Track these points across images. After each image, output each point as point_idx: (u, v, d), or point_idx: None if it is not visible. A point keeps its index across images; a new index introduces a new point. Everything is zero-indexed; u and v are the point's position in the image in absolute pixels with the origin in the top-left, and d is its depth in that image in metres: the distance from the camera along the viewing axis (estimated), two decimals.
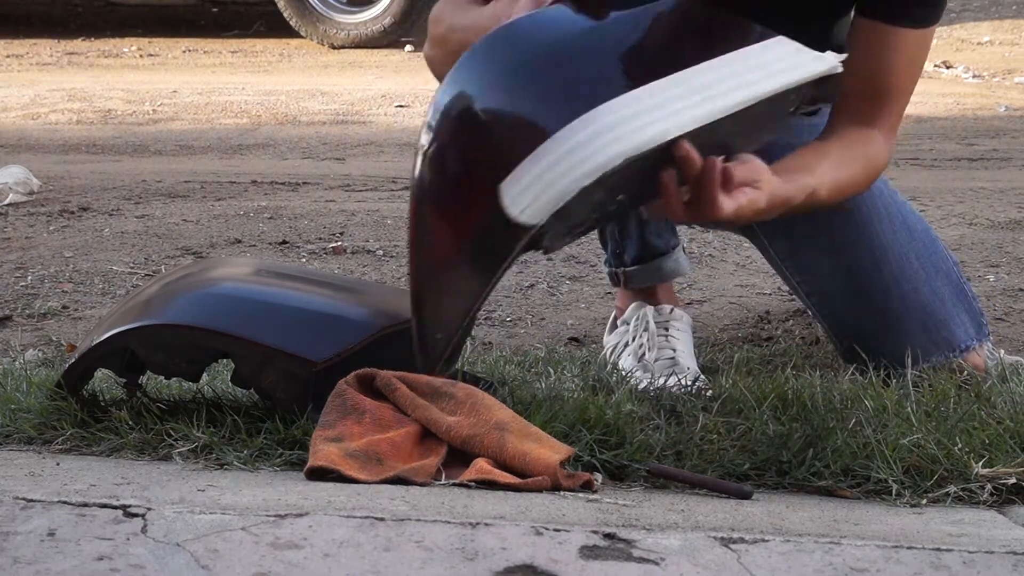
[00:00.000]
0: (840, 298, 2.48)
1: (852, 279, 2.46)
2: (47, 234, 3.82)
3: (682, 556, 1.64)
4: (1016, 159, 5.30)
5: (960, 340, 2.46)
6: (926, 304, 2.45)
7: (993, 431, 2.05)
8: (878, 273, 2.45)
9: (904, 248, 2.46)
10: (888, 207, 2.48)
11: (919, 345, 2.42)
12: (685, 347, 2.56)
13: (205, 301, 2.17)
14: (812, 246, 2.48)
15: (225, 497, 1.77)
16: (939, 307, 2.46)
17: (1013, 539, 1.75)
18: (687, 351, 2.55)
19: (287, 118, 6.33)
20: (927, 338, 2.44)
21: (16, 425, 2.15)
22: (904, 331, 2.44)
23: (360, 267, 3.45)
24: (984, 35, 8.60)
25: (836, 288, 2.48)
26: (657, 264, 2.64)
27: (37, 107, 6.48)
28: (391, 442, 1.93)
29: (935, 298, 2.46)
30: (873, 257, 2.45)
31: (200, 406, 2.14)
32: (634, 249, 2.63)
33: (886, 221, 2.47)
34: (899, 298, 2.45)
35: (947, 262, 2.50)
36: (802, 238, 2.48)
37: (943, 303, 2.47)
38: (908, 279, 2.45)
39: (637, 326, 2.59)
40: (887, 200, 2.48)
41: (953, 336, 2.46)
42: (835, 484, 2.00)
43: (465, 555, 1.62)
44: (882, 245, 2.45)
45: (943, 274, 2.48)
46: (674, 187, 2.00)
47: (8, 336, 2.91)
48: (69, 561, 1.59)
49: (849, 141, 2.30)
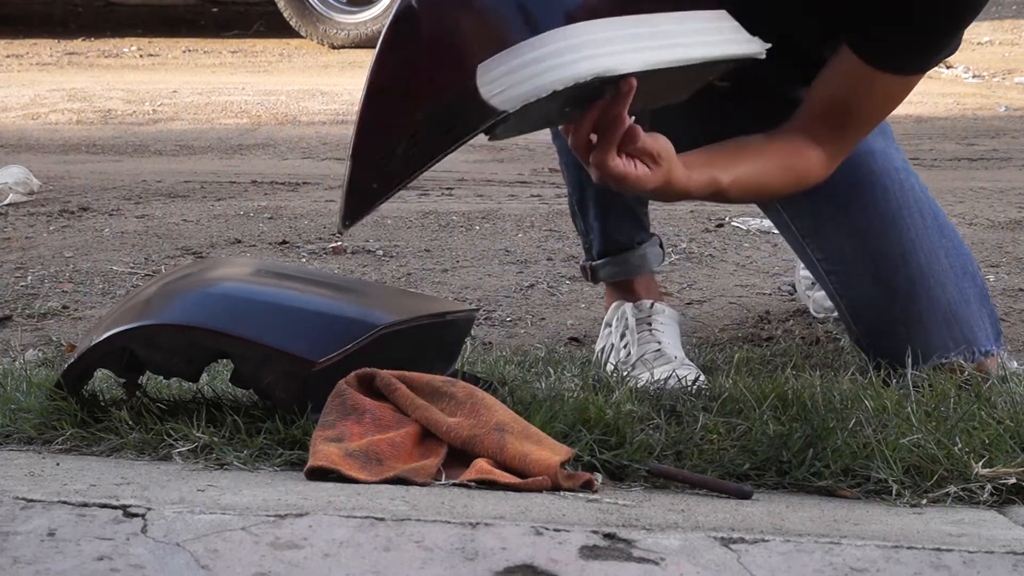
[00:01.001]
0: (862, 282, 2.47)
1: (877, 266, 2.45)
2: (47, 234, 3.82)
3: (682, 556, 1.64)
4: (1016, 159, 5.30)
5: (981, 342, 2.46)
6: (951, 302, 2.45)
7: (993, 431, 2.05)
8: (906, 266, 2.44)
9: (934, 244, 2.46)
10: (920, 202, 2.47)
11: (939, 341, 2.42)
12: (670, 339, 2.55)
13: (205, 301, 2.17)
14: (837, 229, 2.47)
15: (225, 497, 1.77)
16: (963, 307, 2.46)
17: (1013, 539, 1.75)
18: (672, 342, 2.55)
19: (287, 118, 6.33)
20: (948, 335, 2.44)
21: (16, 425, 2.15)
22: (926, 324, 2.43)
23: (360, 267, 3.45)
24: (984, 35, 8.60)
25: (859, 271, 2.47)
26: (622, 258, 2.64)
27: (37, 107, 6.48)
28: (391, 442, 1.93)
29: (961, 297, 2.46)
30: (902, 249, 2.44)
31: (200, 406, 2.14)
32: (599, 243, 2.65)
33: (917, 216, 2.46)
34: (925, 292, 2.44)
35: (973, 265, 2.50)
36: (827, 220, 2.47)
37: (968, 303, 2.46)
38: (936, 275, 2.45)
39: (618, 326, 2.59)
40: (919, 195, 2.48)
41: (975, 337, 2.45)
42: (835, 484, 2.00)
43: (465, 555, 1.62)
44: (911, 239, 2.45)
45: (970, 276, 2.48)
46: (590, 122, 2.06)
47: (8, 336, 2.91)
48: (69, 561, 1.59)
49: (788, 152, 2.30)
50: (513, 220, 3.93)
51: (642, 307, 2.59)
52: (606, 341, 2.61)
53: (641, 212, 2.66)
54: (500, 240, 3.70)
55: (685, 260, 3.50)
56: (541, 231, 3.80)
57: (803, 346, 2.75)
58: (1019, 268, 3.36)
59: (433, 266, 3.45)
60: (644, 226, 2.66)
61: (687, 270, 3.42)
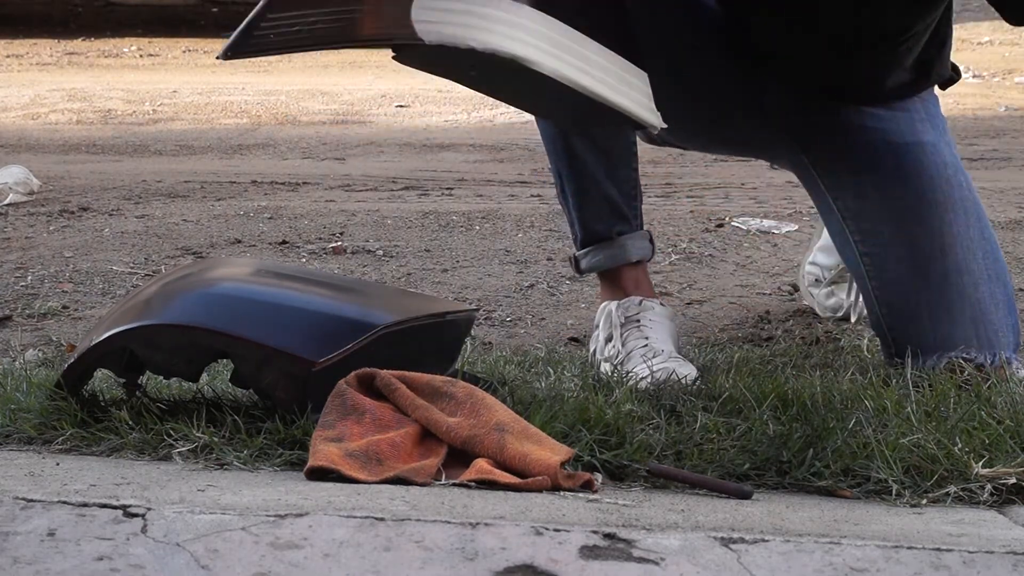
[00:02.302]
0: (896, 265, 2.49)
1: (914, 252, 2.47)
2: (47, 234, 3.82)
3: (682, 556, 1.64)
4: (1016, 159, 5.31)
5: (1003, 348, 2.46)
6: (982, 301, 2.46)
7: (993, 431, 2.05)
8: (943, 257, 2.45)
9: (973, 244, 2.47)
10: (965, 200, 2.49)
11: (962, 335, 2.43)
12: (658, 334, 2.54)
13: (205, 301, 2.17)
14: (879, 211, 2.48)
15: (225, 497, 1.77)
16: (992, 309, 2.46)
17: (1013, 539, 1.75)
18: (661, 337, 2.53)
19: (287, 118, 6.34)
20: (973, 332, 2.44)
21: (16, 425, 2.15)
22: (953, 318, 2.44)
23: (360, 267, 3.45)
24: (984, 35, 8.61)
25: (895, 254, 2.48)
26: (601, 249, 2.63)
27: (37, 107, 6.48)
28: (391, 442, 1.93)
29: (991, 300, 2.47)
30: (942, 241, 2.46)
31: (200, 406, 2.14)
32: (579, 233, 2.65)
33: (961, 212, 2.47)
34: (957, 288, 2.45)
35: (1006, 275, 2.51)
36: (871, 200, 2.50)
37: (996, 307, 2.47)
38: (971, 273, 2.46)
39: (605, 326, 2.58)
40: (965, 193, 2.49)
41: (998, 340, 2.46)
42: (835, 484, 2.00)
43: (465, 555, 1.62)
44: (953, 233, 2.46)
45: (1002, 283, 2.49)
46: None
47: (8, 336, 2.91)
48: (69, 561, 1.59)
49: None
50: (513, 220, 3.93)
51: (629, 305, 2.58)
52: (595, 344, 2.60)
53: (623, 203, 2.63)
54: (500, 240, 3.70)
55: (685, 260, 3.50)
56: (541, 231, 3.80)
57: (803, 346, 2.75)
58: (1019, 268, 3.36)
59: (433, 266, 3.45)
60: (625, 217, 2.63)
61: (687, 270, 3.42)
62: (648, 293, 2.63)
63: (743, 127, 2.62)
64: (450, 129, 6.21)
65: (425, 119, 6.45)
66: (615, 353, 2.53)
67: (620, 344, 2.53)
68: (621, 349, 2.52)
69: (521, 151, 5.56)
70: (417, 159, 5.42)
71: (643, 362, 2.43)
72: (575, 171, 2.59)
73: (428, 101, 6.80)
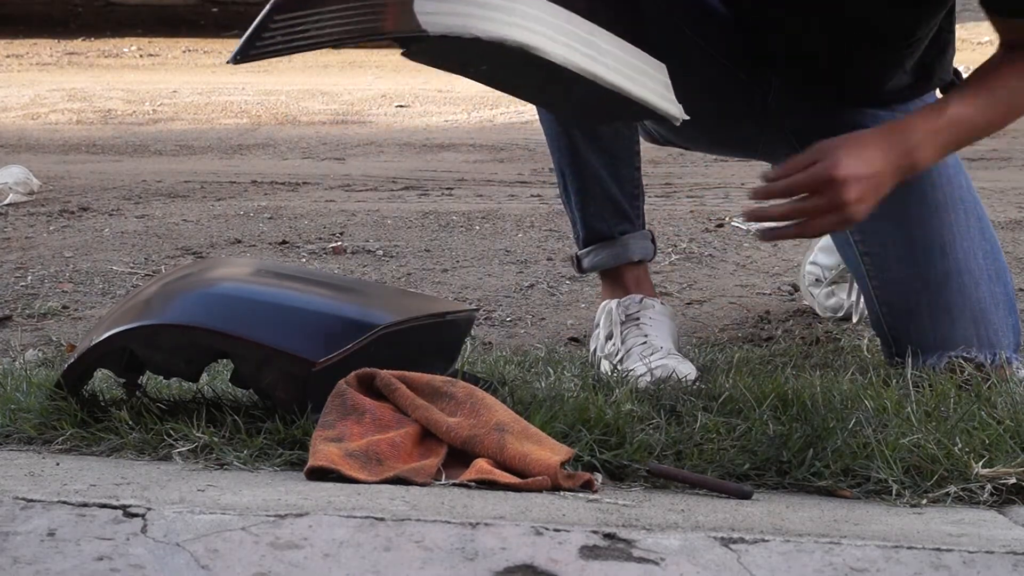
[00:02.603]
0: (896, 265, 2.49)
1: (915, 253, 2.47)
2: (47, 234, 3.82)
3: (682, 556, 1.64)
4: (1016, 159, 5.31)
5: (1003, 347, 2.46)
6: (982, 300, 2.46)
7: (993, 431, 2.05)
8: (943, 257, 2.46)
9: (974, 244, 2.47)
10: (965, 201, 2.49)
11: (963, 335, 2.43)
12: (658, 332, 2.54)
13: (205, 301, 2.17)
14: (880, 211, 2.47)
15: (225, 497, 1.77)
16: (992, 309, 2.47)
17: (1013, 539, 1.75)
18: (660, 334, 2.53)
19: (287, 118, 6.34)
20: (973, 331, 2.45)
21: (16, 425, 2.15)
22: (953, 317, 2.44)
23: (360, 267, 3.45)
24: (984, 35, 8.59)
25: (895, 255, 2.49)
26: (603, 248, 2.64)
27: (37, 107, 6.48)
28: (391, 442, 1.93)
29: (991, 300, 2.47)
30: (942, 240, 2.46)
31: (200, 406, 2.14)
32: (581, 232, 2.65)
33: (961, 212, 2.48)
34: (958, 288, 2.46)
35: (1007, 274, 2.52)
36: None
37: (997, 307, 2.47)
38: (971, 272, 2.46)
39: (605, 324, 2.59)
40: (965, 193, 2.50)
41: (998, 341, 2.46)
42: (835, 484, 2.00)
43: (465, 555, 1.62)
44: (953, 233, 2.46)
45: (1003, 283, 2.49)
46: None
47: (8, 336, 2.91)
48: (69, 561, 1.59)
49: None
50: (513, 220, 3.93)
51: (629, 303, 2.58)
52: (595, 344, 2.60)
53: (626, 202, 2.64)
54: (500, 240, 3.70)
55: (685, 260, 3.50)
56: (541, 231, 3.80)
57: (803, 346, 2.75)
58: (1019, 268, 3.36)
59: (433, 266, 3.45)
60: (628, 216, 2.64)
61: (687, 270, 3.42)
62: (649, 292, 2.64)
63: (745, 128, 2.62)
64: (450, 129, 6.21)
65: (425, 119, 6.45)
66: (615, 350, 2.53)
67: (620, 341, 2.53)
68: (620, 346, 2.52)
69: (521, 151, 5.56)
70: (417, 159, 5.42)
71: (641, 360, 2.43)
72: (578, 170, 2.59)
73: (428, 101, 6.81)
